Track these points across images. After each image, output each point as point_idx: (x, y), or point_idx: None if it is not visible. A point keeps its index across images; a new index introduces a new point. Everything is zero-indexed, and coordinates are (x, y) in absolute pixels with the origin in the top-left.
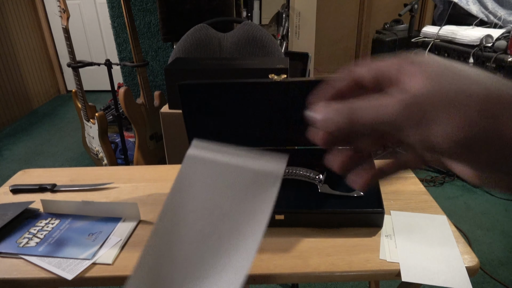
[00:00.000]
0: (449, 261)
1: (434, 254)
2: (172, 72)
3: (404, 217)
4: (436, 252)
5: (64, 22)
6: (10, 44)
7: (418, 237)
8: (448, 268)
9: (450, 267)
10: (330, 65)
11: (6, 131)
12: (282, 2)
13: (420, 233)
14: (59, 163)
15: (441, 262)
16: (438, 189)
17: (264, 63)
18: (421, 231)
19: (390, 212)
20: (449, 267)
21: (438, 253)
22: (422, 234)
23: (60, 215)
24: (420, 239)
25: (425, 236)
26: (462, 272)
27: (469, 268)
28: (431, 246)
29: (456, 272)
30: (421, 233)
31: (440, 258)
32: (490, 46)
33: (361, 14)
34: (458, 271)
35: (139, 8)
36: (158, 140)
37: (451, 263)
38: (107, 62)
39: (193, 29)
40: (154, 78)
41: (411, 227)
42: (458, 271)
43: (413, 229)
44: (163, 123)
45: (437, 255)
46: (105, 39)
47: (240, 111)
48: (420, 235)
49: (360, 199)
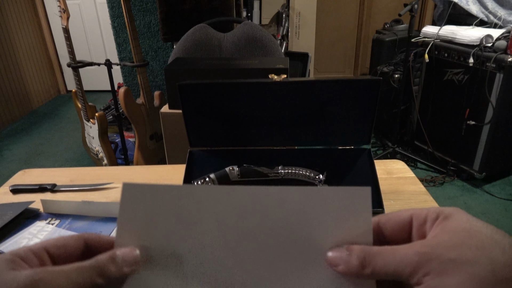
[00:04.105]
0: None
1: None
2: (172, 72)
3: None
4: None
5: (64, 22)
6: (10, 44)
7: None
8: None
9: None
10: (330, 65)
11: (6, 131)
12: (282, 2)
13: None
14: (59, 163)
15: None
16: (438, 189)
17: (264, 63)
18: None
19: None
20: None
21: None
22: None
23: (60, 215)
24: None
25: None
26: None
27: None
28: None
29: None
30: None
31: None
32: (490, 46)
33: (361, 14)
34: None
35: (139, 8)
36: (158, 140)
37: None
38: (107, 62)
39: (193, 29)
40: (154, 78)
41: None
42: None
43: None
44: (163, 123)
45: None
46: (105, 39)
47: (240, 111)
48: None
49: None
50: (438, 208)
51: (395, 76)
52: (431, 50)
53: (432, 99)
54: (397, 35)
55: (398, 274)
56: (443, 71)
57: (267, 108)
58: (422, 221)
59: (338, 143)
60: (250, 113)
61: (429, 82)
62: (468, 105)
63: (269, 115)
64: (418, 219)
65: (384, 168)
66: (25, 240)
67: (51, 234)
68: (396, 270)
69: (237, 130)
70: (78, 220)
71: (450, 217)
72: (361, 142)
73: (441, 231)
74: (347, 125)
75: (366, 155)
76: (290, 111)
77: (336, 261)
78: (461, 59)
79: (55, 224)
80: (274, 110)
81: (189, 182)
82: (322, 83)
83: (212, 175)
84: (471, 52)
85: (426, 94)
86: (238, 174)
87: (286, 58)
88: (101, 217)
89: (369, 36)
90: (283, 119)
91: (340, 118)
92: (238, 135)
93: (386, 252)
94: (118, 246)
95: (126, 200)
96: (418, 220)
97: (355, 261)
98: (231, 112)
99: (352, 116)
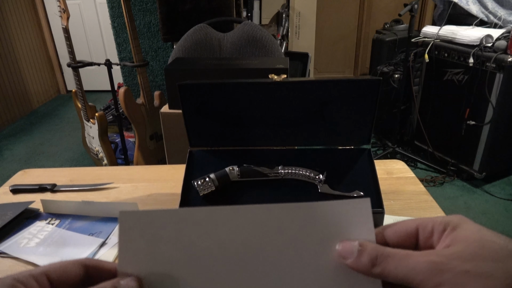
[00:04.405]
0: None
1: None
2: (172, 72)
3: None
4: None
5: (64, 22)
6: (10, 44)
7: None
8: None
9: None
10: (330, 65)
11: (6, 131)
12: (282, 2)
13: None
14: (59, 163)
15: None
16: (438, 189)
17: (264, 63)
18: None
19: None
20: None
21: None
22: None
23: (60, 215)
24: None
25: None
26: None
27: None
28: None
29: None
30: None
31: None
32: (490, 46)
33: (361, 14)
34: None
35: (139, 8)
36: (158, 140)
37: None
38: (107, 62)
39: (193, 29)
40: (154, 78)
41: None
42: None
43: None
44: (163, 123)
45: None
46: (105, 39)
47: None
48: None
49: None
50: (443, 217)
51: (395, 76)
52: (431, 50)
53: (432, 99)
54: (397, 35)
55: (408, 280)
56: (443, 71)
57: (267, 108)
58: (429, 232)
59: (338, 143)
60: (250, 113)
61: (429, 82)
62: (468, 105)
63: (269, 115)
64: (425, 230)
65: (384, 168)
66: (25, 240)
67: (51, 234)
68: (406, 276)
69: (237, 130)
70: (78, 220)
71: (459, 227)
72: (361, 142)
73: (452, 242)
74: (347, 125)
75: (366, 155)
76: (290, 111)
77: (346, 253)
78: (461, 59)
79: (55, 224)
80: (274, 110)
81: (189, 182)
82: (322, 83)
83: (212, 175)
84: (471, 52)
85: (426, 94)
86: (238, 174)
87: (286, 58)
88: (101, 217)
89: (369, 36)
90: (283, 119)
91: (340, 118)
92: (238, 135)
93: (399, 256)
94: (121, 275)
95: (124, 228)
96: (425, 231)
97: (366, 257)
98: (231, 112)
99: (352, 116)
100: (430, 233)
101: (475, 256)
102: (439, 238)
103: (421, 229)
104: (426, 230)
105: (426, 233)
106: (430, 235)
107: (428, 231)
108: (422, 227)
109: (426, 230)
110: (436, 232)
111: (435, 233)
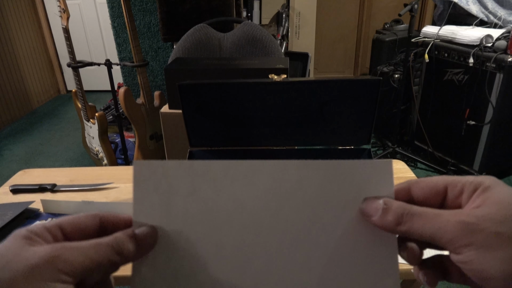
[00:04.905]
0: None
1: (434, 252)
2: (172, 72)
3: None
4: (436, 252)
5: (64, 22)
6: (10, 44)
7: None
8: None
9: None
10: (330, 65)
11: (6, 131)
12: (282, 2)
13: None
14: (59, 163)
15: None
16: None
17: (264, 63)
18: None
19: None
20: None
21: (438, 252)
22: None
23: (60, 215)
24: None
25: None
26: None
27: None
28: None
29: None
30: None
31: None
32: (490, 46)
33: (361, 14)
34: None
35: (139, 8)
36: (158, 140)
37: None
38: (107, 62)
39: (193, 29)
40: (154, 78)
41: None
42: None
43: None
44: (163, 123)
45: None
46: (105, 39)
47: (240, 111)
48: None
49: None
50: (475, 177)
51: (395, 76)
52: (431, 50)
53: (432, 99)
54: (397, 35)
55: (435, 239)
56: (443, 71)
57: (267, 108)
58: (458, 191)
59: (338, 143)
60: (250, 113)
61: (429, 82)
62: (468, 105)
63: (269, 115)
64: (454, 188)
65: None
66: None
67: None
68: (434, 234)
69: (237, 130)
70: None
71: (491, 188)
72: (361, 142)
73: (484, 203)
74: (347, 125)
75: (366, 155)
76: (290, 111)
77: (371, 211)
78: (461, 59)
79: None
80: (274, 110)
81: None
82: (322, 83)
83: None
84: (471, 52)
85: (426, 94)
86: None
87: (286, 58)
88: None
89: (369, 36)
90: (283, 119)
91: (340, 118)
92: (238, 135)
93: (427, 215)
94: (136, 225)
95: (139, 179)
96: (454, 190)
97: (391, 215)
98: (231, 112)
99: (352, 116)
100: (459, 193)
101: (508, 218)
102: (469, 198)
103: (450, 188)
104: (455, 189)
105: (455, 192)
106: (459, 194)
107: (458, 190)
108: (451, 186)
109: (456, 189)
110: (466, 192)
111: (464, 193)
